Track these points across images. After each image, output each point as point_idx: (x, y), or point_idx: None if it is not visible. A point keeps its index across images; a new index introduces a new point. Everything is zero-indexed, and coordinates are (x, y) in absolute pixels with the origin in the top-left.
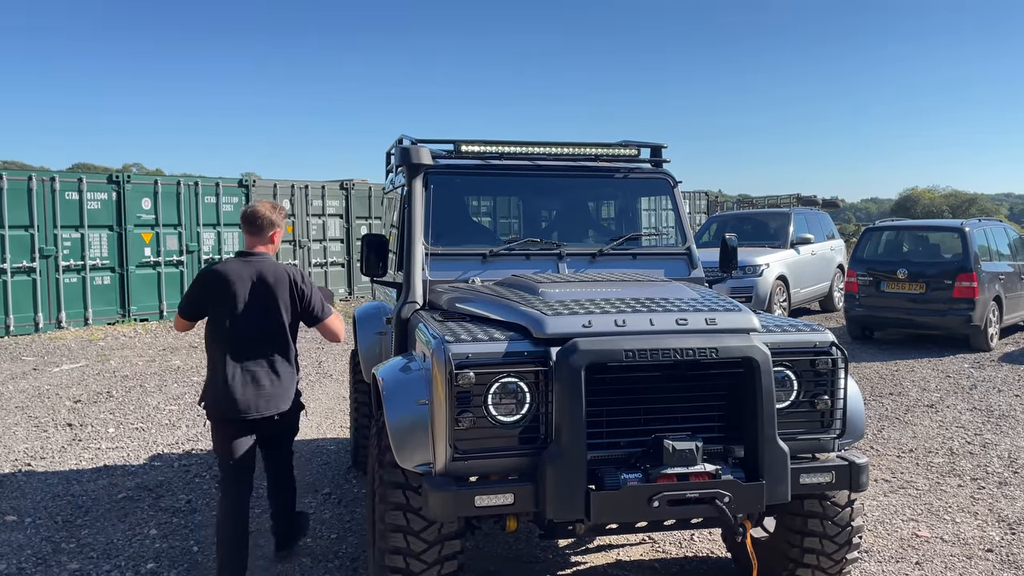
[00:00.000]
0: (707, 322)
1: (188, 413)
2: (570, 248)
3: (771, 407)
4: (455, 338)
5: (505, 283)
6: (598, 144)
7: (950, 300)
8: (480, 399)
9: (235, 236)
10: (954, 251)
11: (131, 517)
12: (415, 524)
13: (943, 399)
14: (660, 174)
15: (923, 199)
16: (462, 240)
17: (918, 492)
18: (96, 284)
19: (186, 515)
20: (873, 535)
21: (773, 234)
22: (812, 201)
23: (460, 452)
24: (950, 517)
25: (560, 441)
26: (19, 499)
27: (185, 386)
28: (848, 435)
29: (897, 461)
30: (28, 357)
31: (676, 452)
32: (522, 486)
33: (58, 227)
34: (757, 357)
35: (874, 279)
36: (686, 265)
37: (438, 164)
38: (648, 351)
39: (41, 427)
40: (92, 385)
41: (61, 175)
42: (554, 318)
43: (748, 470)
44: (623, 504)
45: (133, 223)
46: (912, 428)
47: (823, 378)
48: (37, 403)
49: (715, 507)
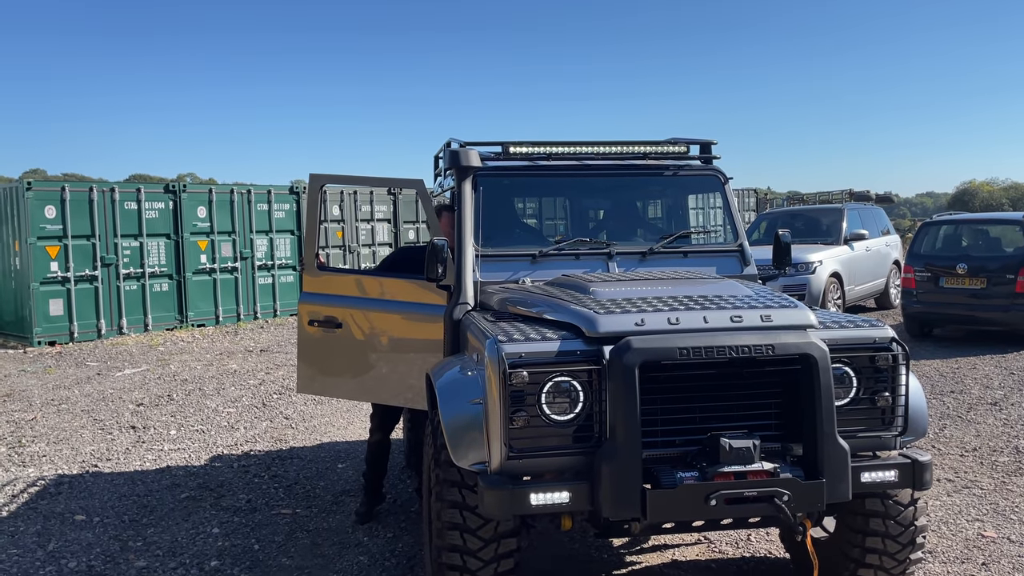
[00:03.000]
0: (762, 319)
1: (246, 415)
2: (620, 247)
3: (830, 404)
4: (508, 338)
5: (556, 283)
6: (647, 142)
7: (1013, 295)
8: (534, 398)
9: (287, 242)
10: (1016, 244)
11: (194, 516)
12: (471, 522)
13: (1007, 396)
14: (710, 171)
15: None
16: (512, 241)
17: (983, 492)
18: (155, 291)
19: (246, 514)
20: (937, 535)
21: (826, 231)
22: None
23: (515, 451)
24: (1017, 517)
25: (615, 439)
26: (87, 499)
27: (242, 389)
28: (910, 432)
29: (960, 460)
30: (92, 362)
31: (733, 450)
32: (577, 485)
33: (118, 236)
34: (815, 354)
35: (932, 275)
36: (738, 262)
37: (487, 166)
38: (703, 349)
39: (106, 430)
40: (153, 389)
41: (120, 186)
42: (607, 316)
43: (807, 468)
44: (680, 503)
45: (189, 231)
46: (975, 426)
47: (883, 374)
48: (101, 406)
49: (774, 506)
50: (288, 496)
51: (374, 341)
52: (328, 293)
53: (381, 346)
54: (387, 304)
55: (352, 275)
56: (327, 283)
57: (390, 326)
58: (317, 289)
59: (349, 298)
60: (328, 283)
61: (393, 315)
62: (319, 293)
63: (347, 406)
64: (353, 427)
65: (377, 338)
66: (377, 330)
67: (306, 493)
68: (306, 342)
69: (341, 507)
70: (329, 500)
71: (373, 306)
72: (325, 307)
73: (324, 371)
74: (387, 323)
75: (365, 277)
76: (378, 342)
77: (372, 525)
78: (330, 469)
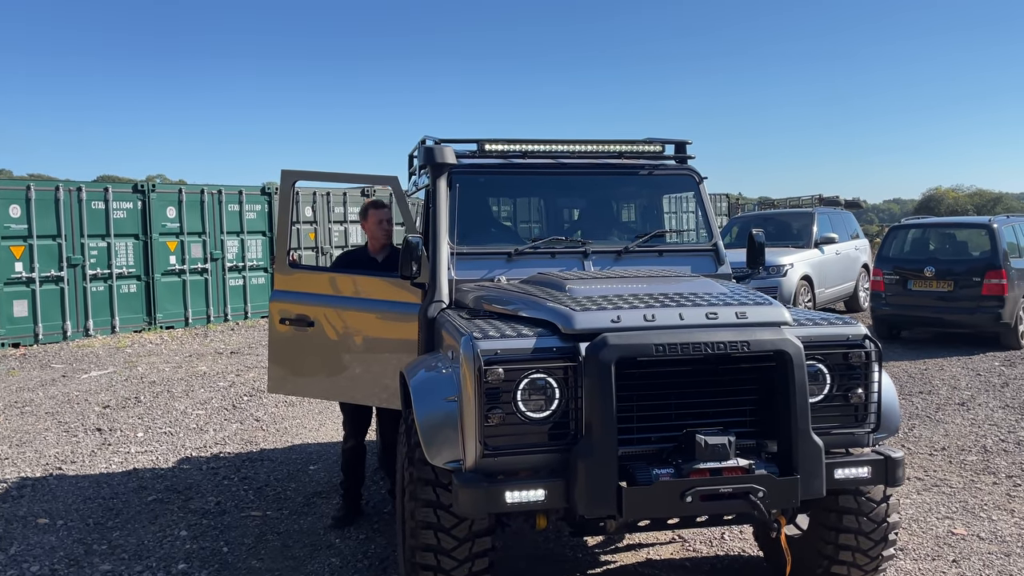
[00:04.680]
0: (737, 316)
1: (215, 417)
2: (595, 246)
3: (804, 401)
4: (483, 335)
5: (531, 281)
6: (622, 141)
7: (979, 298)
8: (509, 395)
9: (259, 243)
10: (982, 248)
11: (161, 519)
12: (446, 521)
13: (974, 397)
14: (685, 170)
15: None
16: (487, 239)
17: (952, 490)
18: (123, 292)
19: (215, 516)
20: (908, 533)
21: (796, 234)
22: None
23: (490, 448)
24: (986, 515)
25: (591, 436)
26: (51, 502)
27: (212, 391)
28: (883, 429)
29: (929, 459)
30: (57, 364)
31: (709, 447)
32: (553, 482)
33: (85, 236)
34: (789, 350)
35: (901, 278)
36: (713, 261)
37: (462, 163)
38: (678, 345)
39: (71, 432)
40: (120, 391)
41: (88, 185)
42: (583, 313)
43: (782, 465)
44: (656, 500)
45: (158, 232)
46: (944, 426)
47: (856, 371)
48: (67, 409)
49: (749, 502)
50: (258, 498)
51: (347, 340)
52: (300, 291)
53: (354, 345)
54: (360, 303)
55: (324, 273)
56: (299, 281)
57: (363, 325)
58: (289, 287)
59: (321, 296)
60: (300, 281)
61: (366, 313)
62: (291, 291)
63: (319, 408)
64: (325, 429)
65: (350, 337)
66: (350, 329)
67: (277, 495)
68: (277, 341)
69: (312, 509)
70: (300, 502)
71: (346, 304)
72: (297, 305)
73: (296, 371)
74: (360, 322)
75: (338, 275)
76: (351, 341)
77: (345, 527)
78: (301, 471)
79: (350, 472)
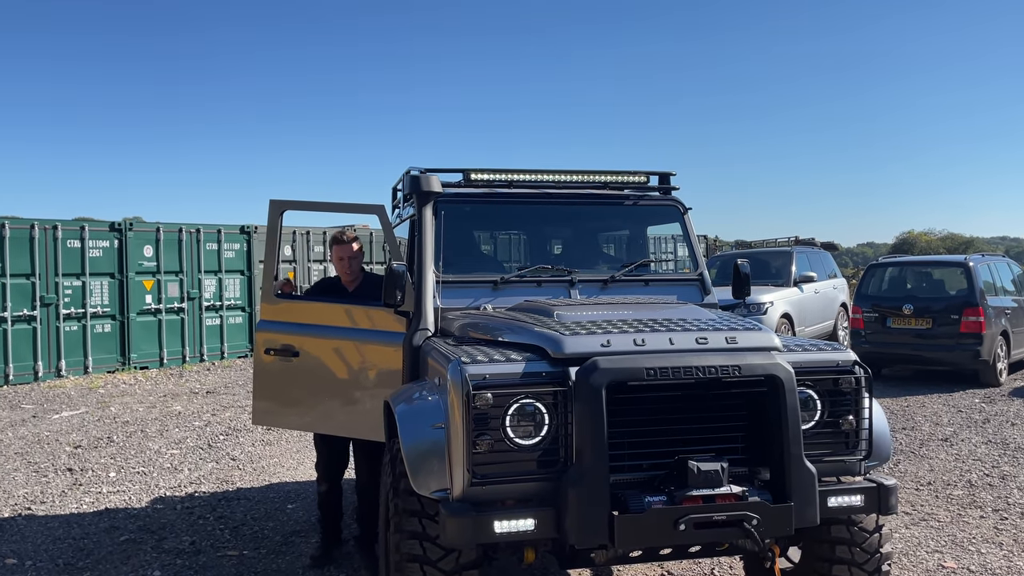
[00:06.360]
0: (728, 340)
1: (190, 456)
2: (582, 274)
3: (796, 426)
4: (471, 359)
5: (518, 308)
6: (607, 171)
7: (957, 335)
8: (498, 421)
9: (237, 282)
10: (959, 286)
11: (134, 559)
12: (432, 553)
13: (957, 433)
14: (670, 201)
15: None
16: (472, 267)
17: (940, 524)
18: (96, 332)
19: (190, 556)
20: (899, 567)
21: (775, 273)
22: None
23: (478, 477)
24: (975, 548)
25: (582, 463)
26: (19, 543)
27: (187, 431)
28: (874, 457)
29: (916, 494)
30: (27, 405)
31: (701, 473)
32: (543, 511)
33: (59, 275)
34: (781, 375)
35: (880, 315)
36: (699, 291)
37: (447, 192)
38: (670, 369)
39: (41, 472)
40: (92, 431)
41: (64, 223)
42: (572, 338)
43: (775, 492)
44: (648, 528)
45: (135, 270)
46: (928, 461)
47: (847, 398)
48: (36, 449)
49: (743, 530)
50: (235, 537)
51: (332, 370)
52: (286, 321)
53: (339, 375)
54: (346, 332)
55: (311, 303)
56: (285, 311)
57: (349, 354)
58: (274, 317)
59: (307, 326)
60: (286, 311)
61: (352, 343)
62: (276, 321)
63: (297, 447)
64: (304, 467)
65: (335, 367)
66: (335, 359)
67: (254, 534)
68: (262, 372)
69: (291, 548)
70: (278, 541)
71: (331, 334)
72: (282, 335)
73: (280, 402)
74: (346, 351)
75: (324, 305)
76: (336, 371)
77: (324, 567)
78: (279, 510)
79: (327, 512)
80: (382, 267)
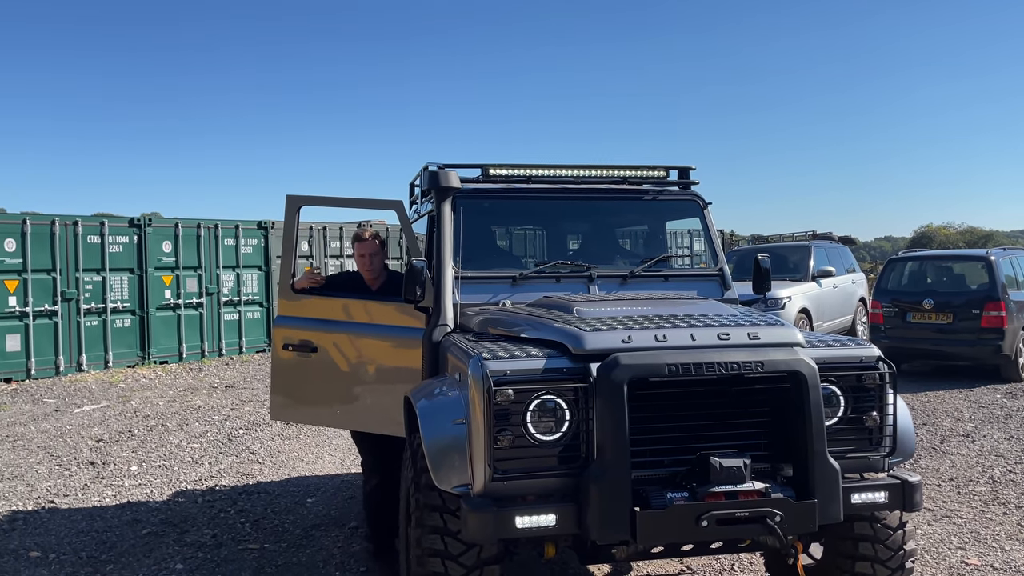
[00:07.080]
0: (750, 336)
1: (211, 450)
2: (601, 270)
3: (820, 422)
4: (492, 355)
5: (538, 304)
6: (626, 166)
7: (978, 330)
8: (519, 417)
9: (254, 277)
10: (980, 281)
11: (156, 552)
12: (453, 548)
13: (978, 429)
14: (689, 195)
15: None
16: (491, 263)
17: (963, 520)
18: (116, 327)
19: (212, 550)
20: (921, 564)
21: (793, 267)
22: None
23: (499, 472)
24: (998, 545)
25: (603, 459)
26: (43, 536)
27: (207, 424)
28: (898, 453)
29: (938, 490)
30: (49, 399)
31: (724, 469)
32: (564, 507)
33: (80, 271)
34: (804, 371)
35: (900, 310)
36: (719, 286)
37: (466, 188)
38: (692, 365)
39: (63, 466)
40: (113, 425)
41: (84, 219)
42: (593, 334)
43: (798, 489)
44: (670, 524)
45: (154, 266)
46: (950, 457)
47: (870, 394)
48: (59, 443)
49: (766, 526)
50: (255, 531)
51: (350, 366)
52: (304, 316)
53: (358, 371)
54: (365, 327)
55: (328, 298)
56: (303, 307)
57: (368, 350)
58: (292, 312)
59: (325, 321)
60: (304, 307)
61: (371, 339)
62: (294, 316)
63: (316, 441)
64: (323, 461)
65: (354, 363)
66: (354, 354)
67: (274, 528)
68: (280, 367)
69: (311, 541)
70: (299, 535)
71: (350, 329)
72: (300, 331)
73: (298, 397)
74: (365, 347)
75: (342, 300)
76: (355, 367)
77: (345, 560)
78: (299, 504)
79: (375, 514)
80: (397, 263)
